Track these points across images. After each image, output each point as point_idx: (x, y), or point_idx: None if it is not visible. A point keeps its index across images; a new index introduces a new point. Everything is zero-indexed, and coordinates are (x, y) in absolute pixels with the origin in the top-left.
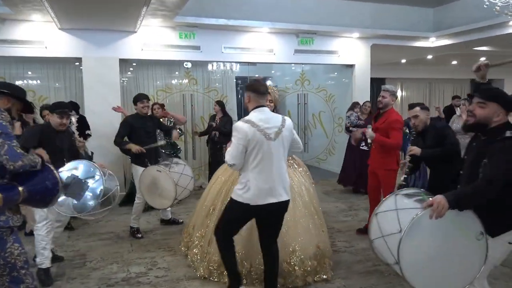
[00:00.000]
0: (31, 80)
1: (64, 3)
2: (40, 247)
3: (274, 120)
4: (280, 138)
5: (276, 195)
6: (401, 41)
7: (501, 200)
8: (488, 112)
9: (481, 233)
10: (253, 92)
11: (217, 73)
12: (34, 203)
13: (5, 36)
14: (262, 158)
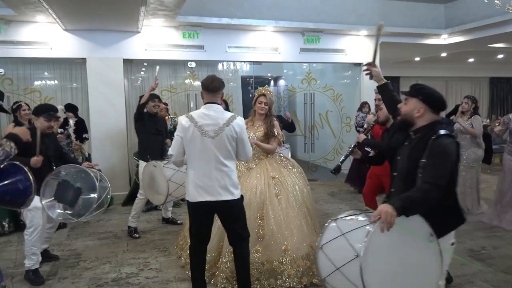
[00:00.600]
0: (37, 80)
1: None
2: (30, 252)
3: (217, 118)
4: (220, 136)
5: (214, 194)
6: (411, 39)
7: (439, 201)
8: (409, 107)
9: (430, 234)
10: (204, 90)
11: (221, 73)
12: (5, 204)
13: (11, 37)
14: (198, 154)
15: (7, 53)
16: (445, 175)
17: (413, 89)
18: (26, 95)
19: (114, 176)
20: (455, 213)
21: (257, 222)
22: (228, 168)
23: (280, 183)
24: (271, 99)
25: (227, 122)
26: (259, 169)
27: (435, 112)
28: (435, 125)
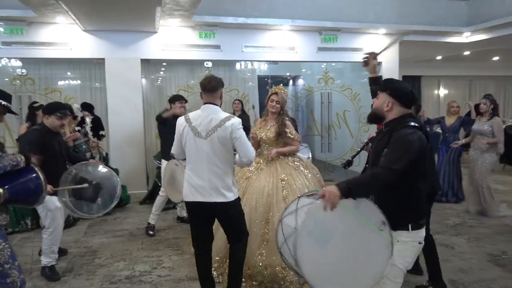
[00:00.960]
0: (58, 80)
1: (81, 5)
2: (49, 251)
3: (210, 119)
4: (212, 137)
5: (205, 195)
6: (431, 37)
7: (400, 195)
8: (379, 102)
9: (382, 222)
10: (202, 90)
11: (239, 72)
12: (19, 203)
13: (32, 38)
14: (192, 154)
15: (29, 53)
16: (399, 160)
17: (383, 84)
18: (47, 95)
19: (131, 175)
20: (414, 208)
21: (263, 226)
22: (221, 169)
23: (288, 185)
24: (284, 98)
25: (220, 123)
26: (269, 170)
27: (404, 106)
28: (404, 118)
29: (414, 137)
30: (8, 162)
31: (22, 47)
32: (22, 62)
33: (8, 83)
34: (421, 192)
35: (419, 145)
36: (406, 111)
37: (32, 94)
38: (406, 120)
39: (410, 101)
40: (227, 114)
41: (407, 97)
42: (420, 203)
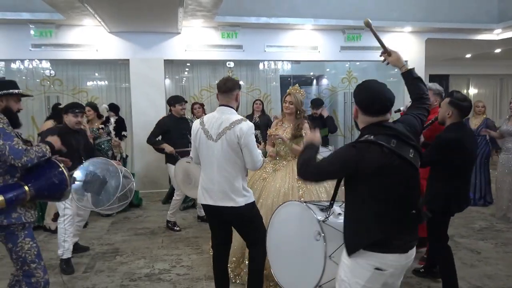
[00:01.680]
0: (84, 81)
1: (106, 7)
2: (61, 240)
3: (221, 121)
4: (221, 140)
5: (214, 198)
6: (460, 35)
7: (347, 216)
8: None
9: (318, 233)
10: (218, 91)
11: (261, 72)
12: (45, 199)
13: (61, 40)
14: (204, 157)
15: (57, 55)
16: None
17: None
18: (74, 95)
19: (154, 174)
20: (360, 231)
21: None
22: (230, 173)
23: (305, 185)
24: (298, 98)
25: (230, 125)
26: (285, 171)
27: (366, 114)
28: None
29: (350, 152)
30: (34, 154)
31: (51, 49)
32: (50, 63)
33: (38, 84)
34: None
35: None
36: (370, 119)
37: (60, 95)
38: (366, 131)
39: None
40: (239, 117)
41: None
42: (370, 227)
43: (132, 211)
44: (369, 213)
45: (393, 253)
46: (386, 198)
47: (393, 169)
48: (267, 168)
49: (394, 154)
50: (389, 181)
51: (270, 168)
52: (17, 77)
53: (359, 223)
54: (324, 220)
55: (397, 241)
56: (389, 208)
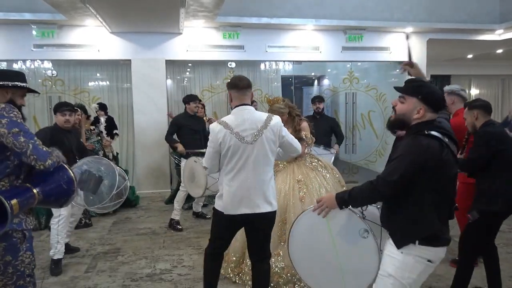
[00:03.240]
0: (86, 81)
1: (107, 7)
2: (54, 241)
3: (253, 121)
4: (260, 141)
5: (251, 206)
6: (462, 35)
7: (406, 208)
8: (407, 107)
9: (365, 230)
10: (233, 89)
11: (263, 73)
12: (48, 205)
13: (63, 41)
14: (236, 162)
15: (59, 55)
16: (395, 171)
17: (409, 86)
18: (76, 95)
19: (156, 174)
20: (421, 222)
21: (280, 226)
22: (267, 175)
23: (305, 186)
24: (281, 108)
25: (265, 124)
26: (285, 172)
27: (434, 110)
28: (426, 124)
29: (417, 145)
30: (56, 158)
31: (53, 49)
32: (52, 63)
33: (40, 84)
34: (434, 207)
35: (422, 155)
36: (430, 116)
37: (61, 95)
38: (425, 126)
39: (440, 105)
40: (265, 113)
41: (438, 102)
42: (432, 220)
43: (133, 211)
44: (429, 204)
45: (443, 246)
46: (443, 191)
47: (447, 163)
48: None
49: (447, 148)
50: (446, 174)
51: None
52: None
53: (417, 214)
54: (364, 216)
55: (446, 234)
56: (444, 201)
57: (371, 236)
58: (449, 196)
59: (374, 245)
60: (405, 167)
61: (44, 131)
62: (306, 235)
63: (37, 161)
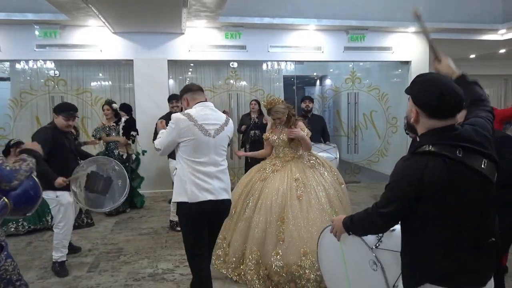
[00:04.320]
0: (88, 81)
1: (110, 8)
2: (60, 245)
3: (216, 117)
4: (220, 136)
5: (214, 193)
6: (464, 35)
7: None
8: (408, 109)
9: (373, 262)
10: (187, 92)
11: (265, 73)
12: (17, 213)
13: (65, 41)
14: (200, 153)
15: (62, 55)
16: (389, 201)
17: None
18: (78, 95)
19: (159, 173)
20: (426, 264)
21: (278, 225)
22: (224, 166)
23: (302, 184)
24: (280, 110)
25: (225, 122)
26: (283, 171)
27: (433, 117)
28: (434, 134)
29: (407, 169)
30: (24, 175)
31: (56, 50)
32: (55, 63)
33: (42, 84)
34: (442, 244)
35: (413, 181)
36: (433, 124)
37: (64, 95)
38: (427, 139)
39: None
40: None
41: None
42: (440, 259)
43: (135, 211)
44: (434, 241)
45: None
46: (455, 222)
47: (461, 185)
48: (267, 169)
49: (461, 165)
50: (457, 200)
51: (269, 169)
52: (22, 77)
53: (421, 253)
54: (377, 245)
55: (472, 274)
56: (460, 233)
57: (379, 269)
58: (473, 224)
59: (383, 281)
60: (397, 197)
61: (45, 130)
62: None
63: (1, 183)
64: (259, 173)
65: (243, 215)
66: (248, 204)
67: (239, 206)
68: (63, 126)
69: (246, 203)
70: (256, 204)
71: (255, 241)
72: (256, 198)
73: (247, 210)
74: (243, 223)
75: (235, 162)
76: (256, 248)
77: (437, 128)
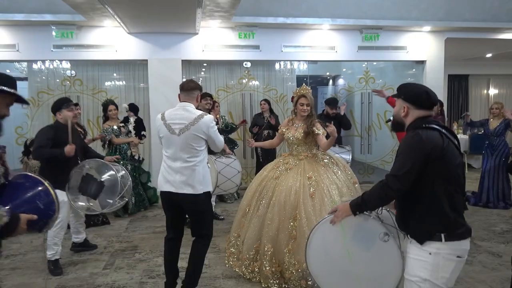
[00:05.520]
0: (104, 81)
1: (125, 8)
2: (52, 242)
3: (184, 117)
4: (185, 134)
5: (175, 186)
6: (480, 34)
7: (422, 203)
8: (397, 109)
9: (385, 234)
10: (180, 90)
11: (278, 72)
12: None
13: (81, 41)
14: (167, 149)
15: (78, 56)
16: (403, 166)
17: (398, 90)
18: (94, 95)
19: None
20: (441, 215)
21: (290, 223)
22: (192, 163)
23: (316, 183)
24: (312, 98)
25: (193, 121)
26: (297, 169)
27: (419, 107)
28: (421, 120)
29: (417, 138)
30: None
31: (72, 50)
32: (71, 64)
33: (59, 84)
34: (447, 197)
35: (424, 146)
36: (421, 113)
37: (80, 95)
38: (421, 122)
39: (424, 102)
40: (199, 111)
41: (421, 99)
42: (449, 210)
43: (149, 209)
44: (442, 194)
45: (467, 238)
46: (453, 179)
47: (451, 153)
48: (280, 167)
49: (448, 138)
50: (451, 163)
51: (282, 167)
52: (39, 77)
53: (433, 206)
54: (382, 220)
55: (466, 225)
56: (456, 189)
57: (392, 239)
58: (459, 185)
59: (396, 249)
60: (410, 161)
61: (48, 128)
62: (322, 247)
63: None
64: (272, 171)
65: (257, 212)
66: (262, 202)
67: (253, 204)
68: (71, 117)
69: (260, 201)
70: (269, 202)
71: (269, 238)
72: (269, 196)
73: (261, 207)
74: (257, 220)
75: (247, 161)
76: (270, 244)
77: (422, 116)
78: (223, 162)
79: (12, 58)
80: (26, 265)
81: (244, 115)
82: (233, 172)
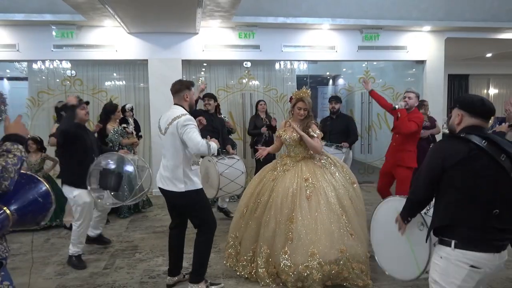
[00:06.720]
0: (104, 81)
1: (126, 8)
2: (77, 241)
3: (168, 117)
4: (167, 133)
5: (163, 182)
6: (481, 34)
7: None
8: (452, 119)
9: (421, 223)
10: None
11: (278, 72)
12: (24, 224)
13: (82, 41)
14: (161, 147)
15: (78, 56)
16: (424, 174)
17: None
18: (94, 95)
19: None
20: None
21: (287, 225)
22: (170, 163)
23: (312, 185)
24: (310, 102)
25: (172, 121)
26: (294, 171)
27: (473, 115)
28: (468, 129)
29: (434, 146)
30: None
31: (72, 50)
32: (71, 63)
33: (59, 84)
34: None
35: (436, 154)
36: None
37: (80, 94)
38: (462, 131)
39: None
40: (180, 112)
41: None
42: (460, 220)
43: (150, 209)
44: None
45: (486, 252)
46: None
47: (475, 164)
48: (278, 169)
49: (481, 151)
50: (471, 173)
51: (280, 168)
52: (39, 77)
53: (438, 204)
54: (426, 212)
55: (488, 240)
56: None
57: (425, 229)
58: (474, 197)
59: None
60: (428, 169)
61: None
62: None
63: None
64: (270, 172)
65: (254, 214)
66: (259, 204)
67: (250, 205)
68: (84, 115)
69: (257, 202)
70: (266, 203)
71: (265, 239)
72: (266, 197)
73: (258, 209)
74: (254, 222)
75: (247, 162)
76: (266, 246)
77: (473, 125)
78: (226, 164)
79: (12, 58)
80: (26, 265)
81: (244, 115)
82: (236, 174)
